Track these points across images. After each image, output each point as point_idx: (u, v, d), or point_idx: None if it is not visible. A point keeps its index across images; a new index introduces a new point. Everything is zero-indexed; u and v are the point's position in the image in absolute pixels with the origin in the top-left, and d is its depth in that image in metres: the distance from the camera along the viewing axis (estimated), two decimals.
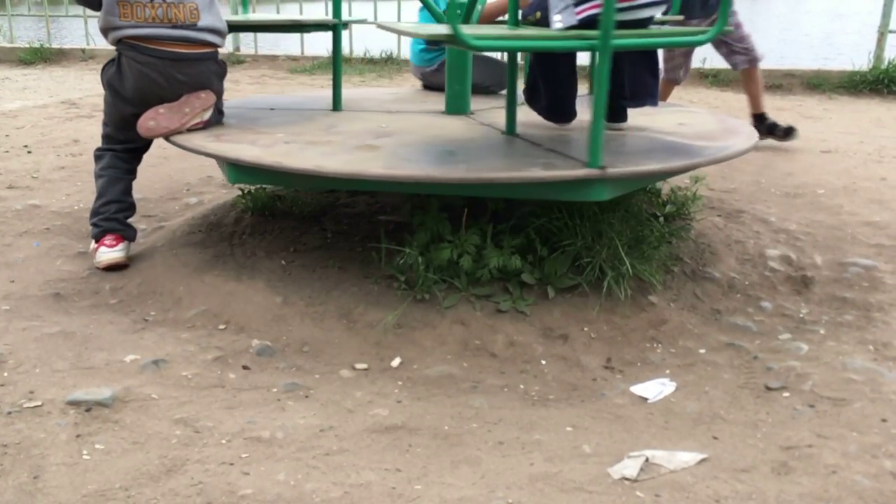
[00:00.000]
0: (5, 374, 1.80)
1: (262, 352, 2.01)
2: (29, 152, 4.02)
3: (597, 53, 1.94)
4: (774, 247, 2.68)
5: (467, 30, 1.99)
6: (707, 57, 5.56)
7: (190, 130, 2.43)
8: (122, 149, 2.56)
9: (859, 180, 3.49)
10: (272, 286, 2.29)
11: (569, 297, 2.22)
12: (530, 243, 2.29)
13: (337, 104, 3.01)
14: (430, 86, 3.57)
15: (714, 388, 1.88)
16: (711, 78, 6.01)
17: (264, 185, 2.90)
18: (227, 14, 3.01)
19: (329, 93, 3.07)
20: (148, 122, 2.37)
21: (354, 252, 2.46)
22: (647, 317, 2.21)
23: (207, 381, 1.84)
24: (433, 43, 3.30)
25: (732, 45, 3.93)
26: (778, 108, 5.15)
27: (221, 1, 2.97)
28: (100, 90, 2.62)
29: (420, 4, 3.06)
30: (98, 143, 2.62)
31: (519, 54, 3.01)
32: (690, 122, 2.76)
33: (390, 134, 2.49)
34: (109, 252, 2.46)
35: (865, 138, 4.36)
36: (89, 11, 8.23)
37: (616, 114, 2.57)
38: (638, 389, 1.89)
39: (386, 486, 1.44)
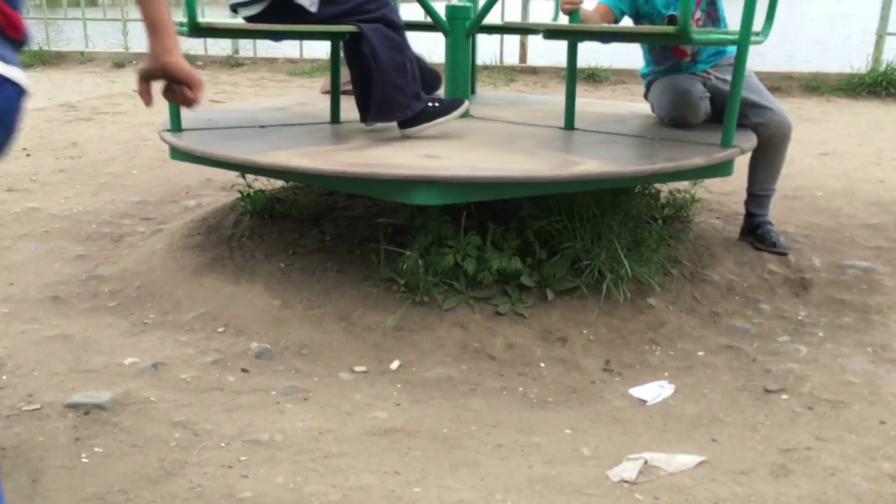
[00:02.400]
0: (4, 377, 1.80)
1: (260, 354, 2.01)
2: (28, 155, 4.02)
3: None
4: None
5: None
6: None
7: None
8: None
9: (858, 183, 3.50)
10: (271, 289, 2.29)
11: (568, 300, 2.22)
12: (529, 246, 2.29)
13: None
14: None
15: (713, 391, 1.88)
16: None
17: (263, 188, 2.91)
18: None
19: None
20: None
21: (353, 255, 2.46)
22: (645, 319, 2.21)
23: (206, 383, 1.84)
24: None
25: None
26: None
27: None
28: (99, 93, 2.61)
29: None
30: (97, 145, 2.61)
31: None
32: None
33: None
34: None
35: (864, 141, 4.36)
36: (88, 14, 8.28)
37: None
38: (637, 392, 1.89)
39: (385, 488, 1.44)
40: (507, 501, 1.41)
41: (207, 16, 3.18)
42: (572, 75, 2.65)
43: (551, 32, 2.55)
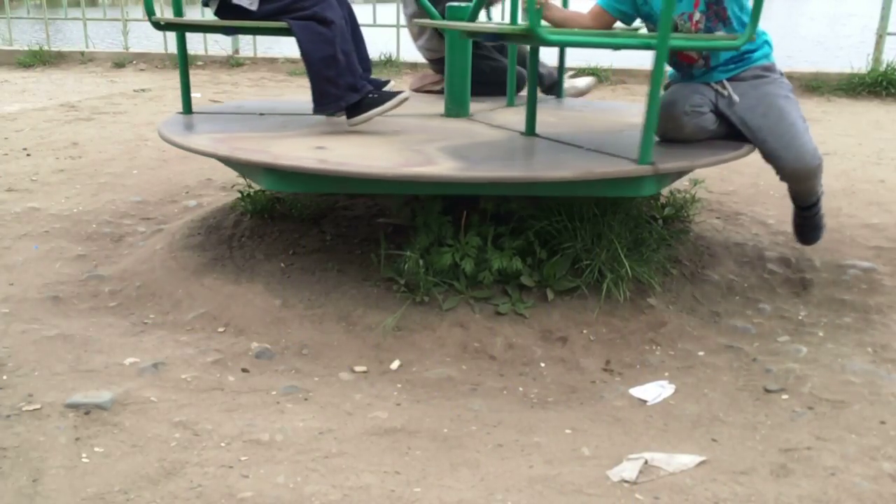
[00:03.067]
0: (4, 377, 1.80)
1: (261, 354, 2.01)
2: (28, 155, 4.02)
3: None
4: (773, 249, 2.68)
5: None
6: None
7: None
8: None
9: (858, 182, 3.50)
10: (271, 289, 2.29)
11: (568, 300, 2.22)
12: (529, 246, 2.29)
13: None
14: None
15: (713, 391, 1.88)
16: None
17: (264, 188, 2.91)
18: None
19: None
20: None
21: (353, 255, 2.46)
22: (646, 319, 2.21)
23: (206, 383, 1.84)
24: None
25: None
26: None
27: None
28: (99, 92, 2.62)
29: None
30: (97, 145, 2.62)
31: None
32: None
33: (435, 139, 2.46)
34: None
35: (864, 140, 4.36)
36: (88, 14, 8.29)
37: None
38: (637, 392, 1.89)
39: (385, 488, 1.44)
40: (507, 501, 1.41)
41: (188, 14, 3.47)
42: (533, 77, 2.52)
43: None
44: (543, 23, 2.42)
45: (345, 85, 2.46)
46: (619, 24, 2.53)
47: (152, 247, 2.68)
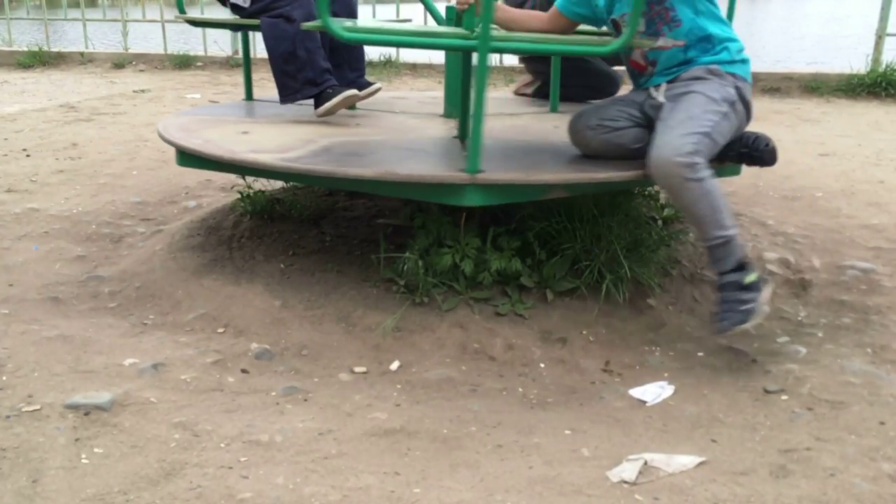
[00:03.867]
0: (4, 377, 1.80)
1: (260, 355, 2.01)
2: (28, 156, 4.02)
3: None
4: (773, 250, 2.68)
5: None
6: None
7: None
8: None
9: (857, 183, 3.50)
10: (271, 289, 2.29)
11: (567, 301, 2.22)
12: (529, 246, 2.29)
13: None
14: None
15: (712, 392, 1.88)
16: None
17: (263, 189, 2.91)
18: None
19: None
20: None
21: (353, 255, 2.46)
22: (645, 320, 2.21)
23: (206, 384, 1.85)
24: None
25: None
26: (776, 111, 5.16)
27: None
28: (98, 93, 2.63)
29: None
30: (97, 146, 2.62)
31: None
32: None
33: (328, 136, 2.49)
34: None
35: (863, 141, 4.36)
36: (88, 14, 8.29)
37: None
38: (636, 392, 1.89)
39: (385, 489, 1.44)
40: (506, 502, 1.41)
41: (207, 13, 3.65)
42: (466, 84, 2.41)
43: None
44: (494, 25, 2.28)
45: (303, 79, 2.66)
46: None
47: (152, 247, 2.68)
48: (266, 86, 6.51)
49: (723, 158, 2.14)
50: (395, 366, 1.99)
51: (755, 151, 2.14)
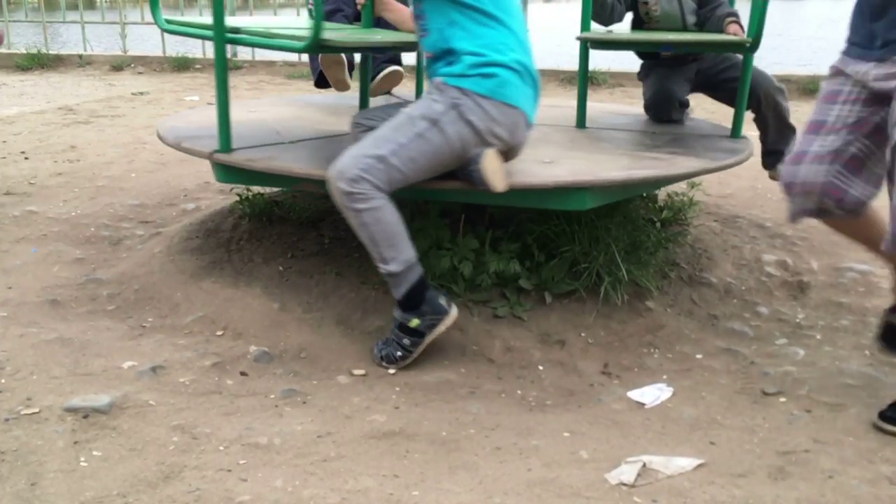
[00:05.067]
0: (3, 380, 1.80)
1: (259, 358, 2.01)
2: (26, 158, 4.02)
3: None
4: (771, 252, 2.69)
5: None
6: None
7: None
8: None
9: None
10: (269, 292, 2.29)
11: (566, 303, 2.22)
12: (527, 249, 2.29)
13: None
14: None
15: (711, 394, 1.88)
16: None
17: (262, 191, 2.91)
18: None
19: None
20: None
21: (352, 258, 2.46)
22: (643, 322, 2.22)
23: (205, 387, 1.85)
24: None
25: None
26: None
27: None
28: (97, 96, 2.63)
29: None
30: (95, 148, 2.62)
31: None
32: None
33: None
34: None
35: None
36: (87, 17, 8.29)
37: None
38: (635, 395, 1.89)
39: (383, 491, 1.44)
40: None
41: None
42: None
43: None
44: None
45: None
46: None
47: (150, 250, 2.68)
48: (265, 88, 6.52)
49: None
50: (393, 368, 1.99)
51: (471, 172, 1.93)
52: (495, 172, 1.91)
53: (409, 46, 2.33)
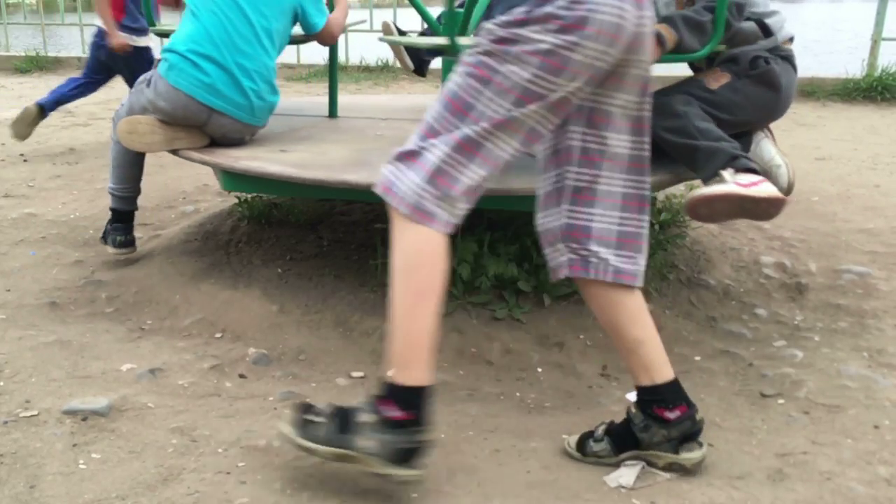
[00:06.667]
0: (1, 383, 1.80)
1: (258, 360, 2.01)
2: (25, 161, 4.02)
3: None
4: (769, 254, 2.69)
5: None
6: None
7: None
8: None
9: (853, 187, 3.51)
10: (268, 294, 2.29)
11: (564, 305, 2.23)
12: (526, 251, 2.29)
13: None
14: None
15: (709, 396, 1.88)
16: None
17: (261, 194, 2.91)
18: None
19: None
20: None
21: (351, 260, 2.47)
22: None
23: (204, 389, 1.85)
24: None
25: None
26: None
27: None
28: (96, 98, 2.63)
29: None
30: (94, 150, 2.62)
31: None
32: None
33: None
34: None
35: (859, 145, 4.38)
36: (86, 19, 8.29)
37: None
38: (634, 397, 1.89)
39: (383, 494, 1.44)
40: None
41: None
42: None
43: None
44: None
45: None
46: None
47: (149, 252, 2.68)
48: None
49: None
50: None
51: None
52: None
53: None
